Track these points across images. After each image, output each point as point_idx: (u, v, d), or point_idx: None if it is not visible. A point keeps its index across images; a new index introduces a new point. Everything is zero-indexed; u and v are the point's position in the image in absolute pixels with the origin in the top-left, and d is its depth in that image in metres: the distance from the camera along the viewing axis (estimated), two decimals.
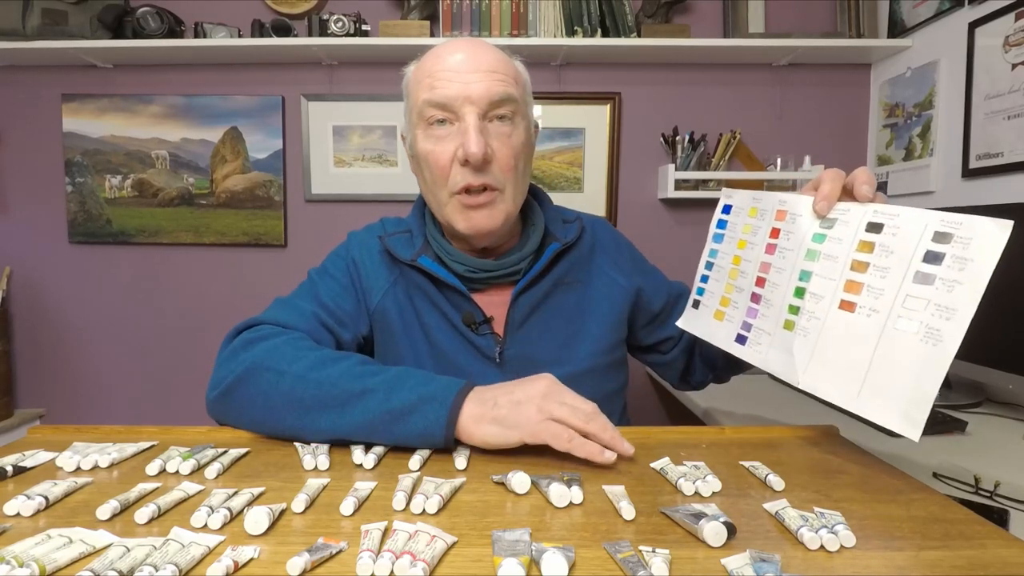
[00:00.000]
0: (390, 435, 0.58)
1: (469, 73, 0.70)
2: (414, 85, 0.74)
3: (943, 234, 0.50)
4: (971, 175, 1.48)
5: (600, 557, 0.39)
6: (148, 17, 1.75)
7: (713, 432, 0.66)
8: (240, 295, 1.99)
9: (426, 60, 0.74)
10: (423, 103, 0.71)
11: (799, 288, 0.59)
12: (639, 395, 1.98)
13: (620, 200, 1.96)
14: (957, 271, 0.48)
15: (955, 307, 0.47)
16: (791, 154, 1.88)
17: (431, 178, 0.74)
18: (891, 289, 0.52)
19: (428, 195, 0.77)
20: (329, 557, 0.38)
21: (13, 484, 0.51)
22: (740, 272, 0.66)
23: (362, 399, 0.59)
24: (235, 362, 0.67)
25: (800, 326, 0.58)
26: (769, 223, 0.64)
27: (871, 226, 0.55)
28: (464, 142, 0.69)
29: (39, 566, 0.36)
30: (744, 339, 0.64)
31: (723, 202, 0.71)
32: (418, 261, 0.76)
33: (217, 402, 0.67)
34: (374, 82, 1.92)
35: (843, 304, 0.55)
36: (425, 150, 0.72)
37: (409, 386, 0.60)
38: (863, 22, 1.81)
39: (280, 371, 0.64)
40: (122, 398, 2.02)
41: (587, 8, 1.78)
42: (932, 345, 0.48)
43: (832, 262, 0.57)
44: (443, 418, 0.57)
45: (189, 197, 1.96)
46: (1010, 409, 1.17)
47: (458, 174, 0.71)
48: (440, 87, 0.70)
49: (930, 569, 0.38)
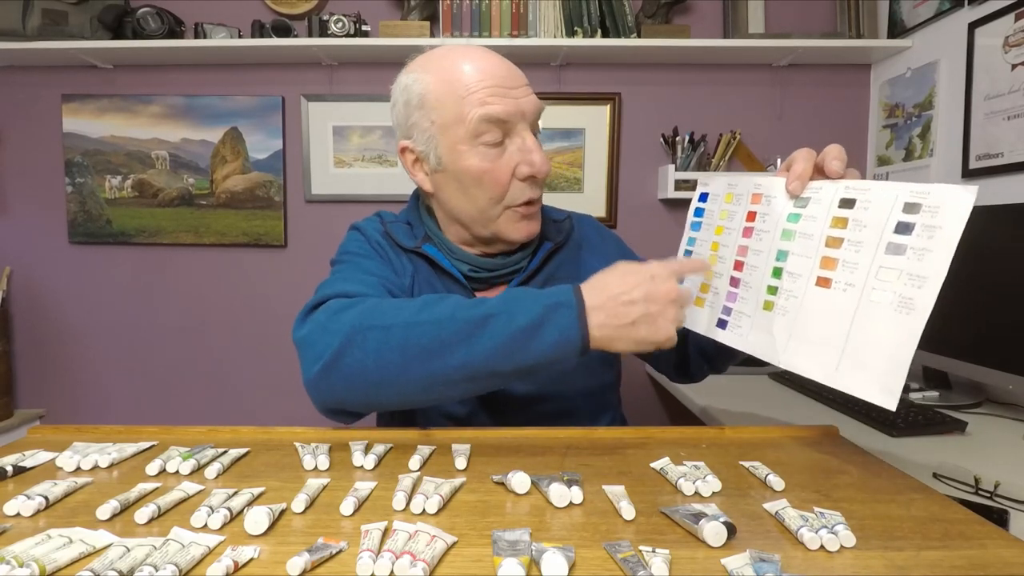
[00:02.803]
0: (526, 354, 0.56)
1: (516, 88, 0.71)
2: (451, 100, 0.70)
3: (912, 204, 0.50)
4: (971, 175, 1.48)
5: (600, 557, 0.39)
6: (148, 17, 1.75)
7: (713, 432, 0.66)
8: (240, 295, 1.99)
9: (457, 72, 0.70)
10: (478, 120, 0.69)
11: (776, 268, 0.60)
12: (638, 395, 1.98)
13: (620, 200, 1.96)
14: (927, 239, 0.49)
15: (926, 275, 0.48)
16: (791, 154, 1.87)
17: (484, 195, 0.72)
18: (865, 262, 0.52)
19: (471, 210, 0.74)
20: (329, 557, 0.38)
21: (13, 484, 0.51)
22: (719, 258, 0.67)
23: (486, 326, 0.57)
24: (330, 333, 0.60)
25: (779, 306, 0.59)
26: (745, 207, 0.65)
27: (844, 202, 0.55)
28: (530, 160, 0.71)
29: (39, 566, 0.35)
30: (724, 323, 0.65)
31: (700, 190, 0.72)
32: (423, 248, 0.77)
33: (321, 378, 0.60)
34: (374, 82, 1.92)
35: (819, 281, 0.55)
36: (480, 168, 0.71)
37: (527, 302, 0.58)
38: (863, 22, 1.81)
39: (386, 326, 0.59)
40: (122, 398, 2.02)
41: (587, 8, 1.78)
42: (905, 314, 0.49)
43: (808, 240, 0.57)
44: (575, 319, 0.56)
45: (189, 197, 1.96)
46: (1010, 409, 1.17)
47: (518, 189, 0.72)
48: (495, 103, 0.69)
49: (930, 569, 0.38)
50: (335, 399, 0.62)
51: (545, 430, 0.66)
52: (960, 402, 1.20)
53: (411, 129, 0.74)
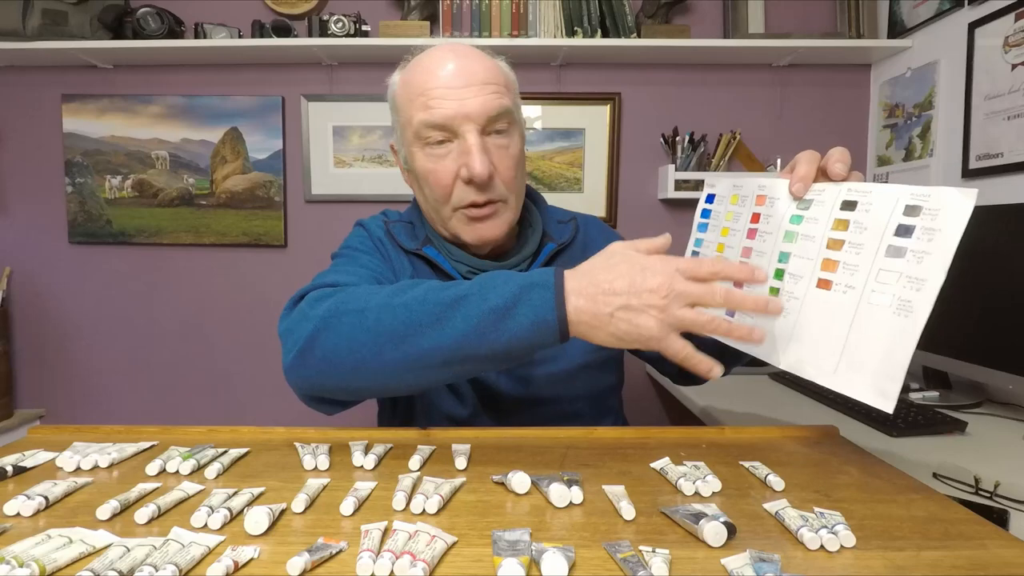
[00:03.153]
0: (499, 336, 0.53)
1: (463, 88, 0.68)
2: (405, 102, 0.72)
3: (913, 207, 0.50)
4: (971, 175, 1.48)
5: (600, 557, 0.39)
6: (148, 17, 1.75)
7: (713, 432, 0.66)
8: (240, 295, 1.99)
9: (415, 74, 0.71)
10: (419, 124, 0.70)
11: (779, 270, 0.60)
12: (638, 395, 1.98)
13: (620, 200, 1.96)
14: (926, 242, 0.49)
15: (924, 278, 0.48)
16: (791, 154, 1.84)
17: (432, 196, 0.73)
18: (865, 265, 0.52)
19: (429, 210, 0.77)
20: (329, 557, 0.38)
21: (13, 484, 0.51)
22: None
23: (458, 307, 0.54)
24: (307, 320, 0.60)
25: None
26: (750, 208, 0.65)
27: (845, 204, 0.55)
28: (468, 163, 0.68)
29: (39, 566, 0.35)
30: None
31: (707, 191, 0.72)
32: (423, 251, 0.78)
33: (297, 363, 0.59)
34: (374, 82, 1.92)
35: (820, 283, 0.55)
36: (426, 169, 0.72)
37: (501, 282, 0.55)
38: (863, 22, 1.81)
39: (360, 309, 0.58)
40: (122, 398, 2.02)
41: (587, 8, 1.78)
42: (903, 316, 0.49)
43: (809, 242, 0.57)
44: (550, 300, 0.52)
45: (189, 197, 1.96)
46: (1010, 409, 1.17)
47: (462, 191, 0.71)
48: (436, 106, 0.68)
49: (930, 569, 0.38)
50: (312, 385, 0.61)
51: (545, 430, 0.66)
52: (960, 402, 1.20)
53: (394, 129, 0.78)
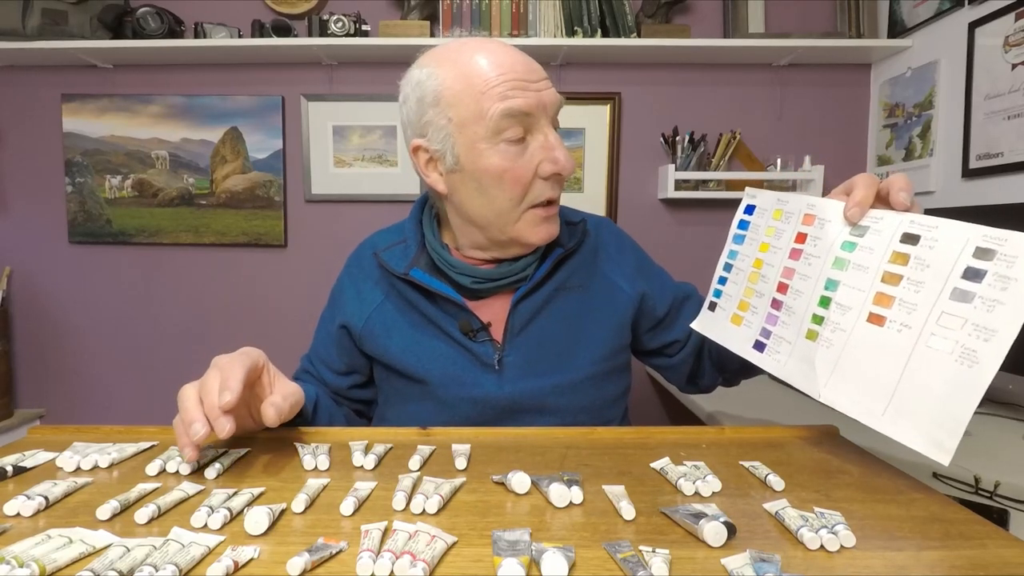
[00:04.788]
0: None
1: (536, 82, 0.67)
2: (469, 96, 0.66)
3: (985, 250, 0.47)
4: (971, 175, 1.48)
5: (600, 557, 0.39)
6: (148, 17, 1.75)
7: (713, 432, 0.66)
8: (240, 295, 1.99)
9: (474, 66, 0.66)
10: (499, 116, 0.65)
11: (824, 297, 0.56)
12: (640, 396, 1.98)
13: (620, 200, 1.96)
14: (999, 290, 0.45)
15: (995, 328, 0.45)
16: (791, 154, 1.88)
17: (504, 195, 0.69)
18: (925, 305, 0.49)
19: (487, 212, 0.71)
20: (329, 557, 0.38)
21: (13, 484, 0.51)
22: (761, 276, 0.64)
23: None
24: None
25: (823, 337, 0.55)
26: (795, 227, 0.61)
27: (906, 237, 0.52)
28: (553, 157, 0.68)
29: (39, 566, 0.35)
30: (763, 346, 0.62)
31: (746, 202, 0.68)
32: (410, 274, 0.75)
33: None
34: (374, 82, 1.92)
35: (872, 317, 0.52)
36: (501, 167, 0.67)
37: None
38: (863, 22, 1.81)
39: None
40: (122, 398, 2.02)
41: (587, 8, 1.78)
42: (967, 367, 0.45)
43: (862, 272, 0.54)
44: None
45: (189, 197, 1.96)
46: (1010, 409, 1.17)
47: (540, 188, 0.69)
48: (516, 96, 0.65)
49: (930, 569, 0.38)
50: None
51: (545, 430, 0.66)
52: None
53: (425, 127, 0.69)
